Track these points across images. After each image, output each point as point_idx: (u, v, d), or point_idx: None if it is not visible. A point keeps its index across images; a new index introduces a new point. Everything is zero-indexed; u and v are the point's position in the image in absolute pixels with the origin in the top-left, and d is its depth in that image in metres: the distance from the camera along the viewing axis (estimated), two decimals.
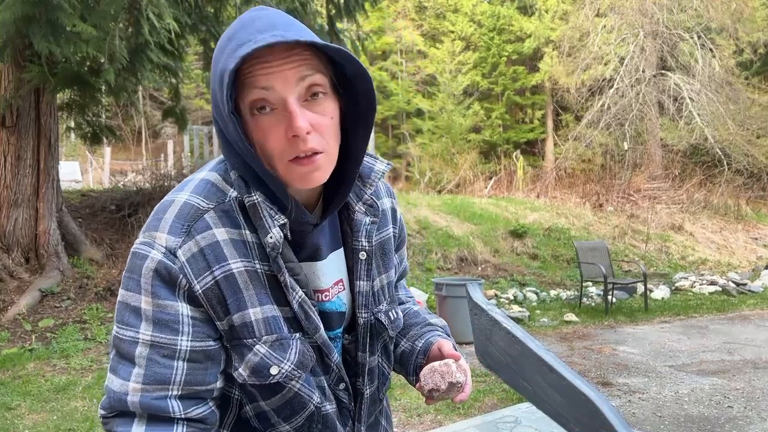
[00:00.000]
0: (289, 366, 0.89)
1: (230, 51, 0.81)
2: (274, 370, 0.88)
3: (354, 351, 1.01)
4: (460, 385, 0.98)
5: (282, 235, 0.86)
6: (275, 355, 0.88)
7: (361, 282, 0.99)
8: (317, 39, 0.82)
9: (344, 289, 0.99)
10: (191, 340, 0.85)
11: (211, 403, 0.89)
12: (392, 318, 1.05)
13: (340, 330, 1.00)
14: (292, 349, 0.89)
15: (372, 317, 1.00)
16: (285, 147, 0.83)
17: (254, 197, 0.87)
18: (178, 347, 0.84)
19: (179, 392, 0.85)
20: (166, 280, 0.84)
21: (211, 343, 0.87)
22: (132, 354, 0.84)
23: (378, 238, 1.02)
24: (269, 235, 0.85)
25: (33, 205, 6.91)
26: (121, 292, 0.87)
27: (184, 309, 0.85)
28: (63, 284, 6.63)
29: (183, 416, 0.85)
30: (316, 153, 0.83)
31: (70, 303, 6.40)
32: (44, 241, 6.83)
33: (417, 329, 1.15)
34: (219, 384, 0.89)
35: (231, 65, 0.78)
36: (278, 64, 0.81)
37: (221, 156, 0.95)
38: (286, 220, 0.87)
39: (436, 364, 1.00)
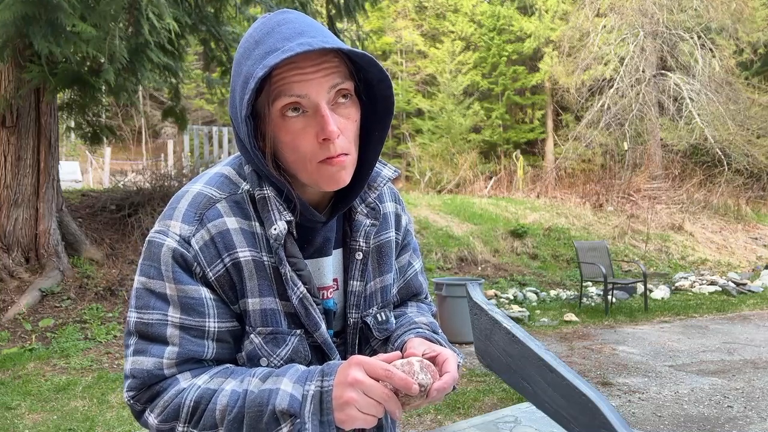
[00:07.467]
0: (278, 362, 0.91)
1: (258, 57, 0.84)
2: (263, 362, 0.91)
3: (343, 353, 1.01)
4: (424, 389, 0.85)
5: (285, 227, 0.88)
6: (266, 348, 0.91)
7: (355, 282, 1.00)
8: (343, 44, 0.84)
9: (338, 288, 1.01)
10: (218, 321, 0.89)
11: None
12: (380, 320, 1.04)
13: (332, 331, 1.00)
14: (286, 346, 0.92)
15: (360, 319, 1.01)
16: (316, 150, 0.86)
17: (266, 191, 0.90)
18: (206, 328, 0.88)
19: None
20: (183, 266, 0.87)
21: (236, 323, 0.91)
22: (163, 334, 0.87)
23: (376, 241, 1.03)
24: (273, 227, 0.88)
25: (33, 205, 6.91)
26: (140, 279, 0.90)
27: (206, 292, 0.88)
28: (63, 284, 6.63)
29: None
30: (343, 154, 0.87)
31: (70, 303, 6.40)
32: (44, 241, 6.83)
33: (399, 331, 1.10)
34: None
35: (260, 73, 0.81)
36: (311, 71, 0.84)
37: (238, 152, 0.98)
38: (292, 218, 0.90)
39: (398, 362, 0.87)
